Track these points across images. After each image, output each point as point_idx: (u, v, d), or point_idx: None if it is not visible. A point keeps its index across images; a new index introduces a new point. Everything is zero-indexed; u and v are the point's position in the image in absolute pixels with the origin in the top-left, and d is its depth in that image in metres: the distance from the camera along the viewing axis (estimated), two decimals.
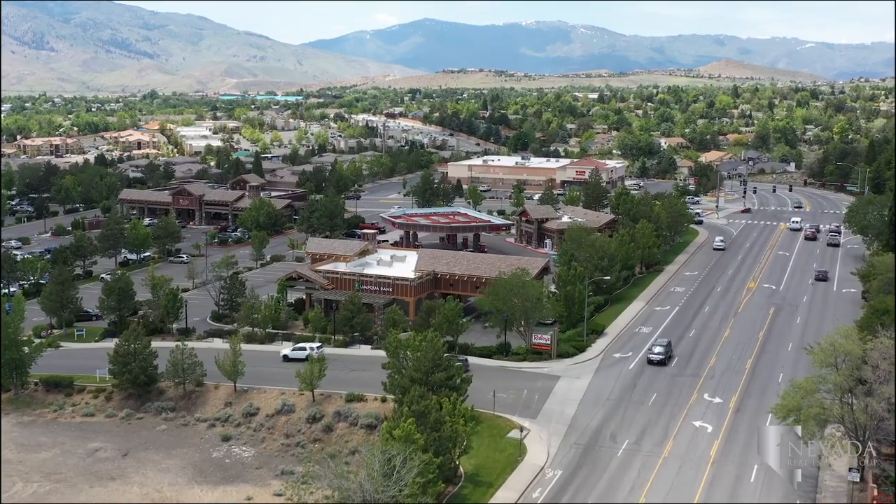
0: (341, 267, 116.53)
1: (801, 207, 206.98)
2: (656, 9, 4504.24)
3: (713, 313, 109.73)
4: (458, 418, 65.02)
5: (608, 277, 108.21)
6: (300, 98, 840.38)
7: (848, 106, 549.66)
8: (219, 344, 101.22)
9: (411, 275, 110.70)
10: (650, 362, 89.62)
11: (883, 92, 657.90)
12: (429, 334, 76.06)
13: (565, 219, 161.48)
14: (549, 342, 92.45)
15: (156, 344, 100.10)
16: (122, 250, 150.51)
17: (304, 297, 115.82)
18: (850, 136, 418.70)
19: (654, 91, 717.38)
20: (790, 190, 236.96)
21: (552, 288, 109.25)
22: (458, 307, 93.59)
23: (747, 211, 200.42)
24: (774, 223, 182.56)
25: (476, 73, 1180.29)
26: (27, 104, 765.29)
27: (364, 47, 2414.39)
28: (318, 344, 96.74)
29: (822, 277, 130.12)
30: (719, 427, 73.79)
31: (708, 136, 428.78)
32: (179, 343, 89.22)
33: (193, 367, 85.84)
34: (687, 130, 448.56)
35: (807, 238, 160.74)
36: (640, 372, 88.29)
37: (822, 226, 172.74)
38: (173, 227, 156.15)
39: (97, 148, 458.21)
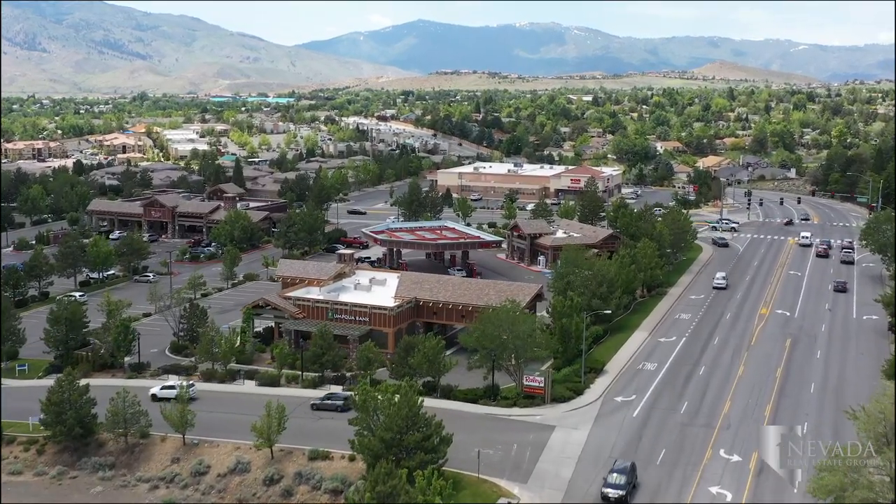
0: (314, 293, 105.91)
1: (808, 220, 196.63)
2: (650, 10, 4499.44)
3: (724, 346, 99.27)
4: (433, 496, 54.66)
5: (609, 311, 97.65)
6: (292, 100, 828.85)
7: (845, 109, 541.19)
8: (174, 382, 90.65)
9: (391, 303, 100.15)
10: (605, 499, 62.34)
11: (880, 95, 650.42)
12: (403, 387, 65.64)
13: (560, 234, 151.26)
14: (542, 385, 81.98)
15: (104, 382, 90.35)
16: (83, 269, 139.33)
17: (274, 325, 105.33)
18: (848, 140, 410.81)
19: (649, 93, 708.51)
20: (799, 202, 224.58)
21: (546, 313, 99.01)
22: (440, 344, 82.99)
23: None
24: (782, 238, 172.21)
25: (470, 75, 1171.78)
26: (14, 106, 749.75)
27: (358, 48, 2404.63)
28: (189, 382, 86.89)
29: (842, 289, 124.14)
30: (740, 494, 63.58)
31: (705, 140, 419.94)
32: (122, 390, 78.20)
33: (137, 417, 75.25)
34: (683, 134, 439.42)
35: (818, 255, 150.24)
36: (645, 420, 77.86)
37: (833, 241, 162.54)
38: (139, 244, 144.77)
39: (81, 152, 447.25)
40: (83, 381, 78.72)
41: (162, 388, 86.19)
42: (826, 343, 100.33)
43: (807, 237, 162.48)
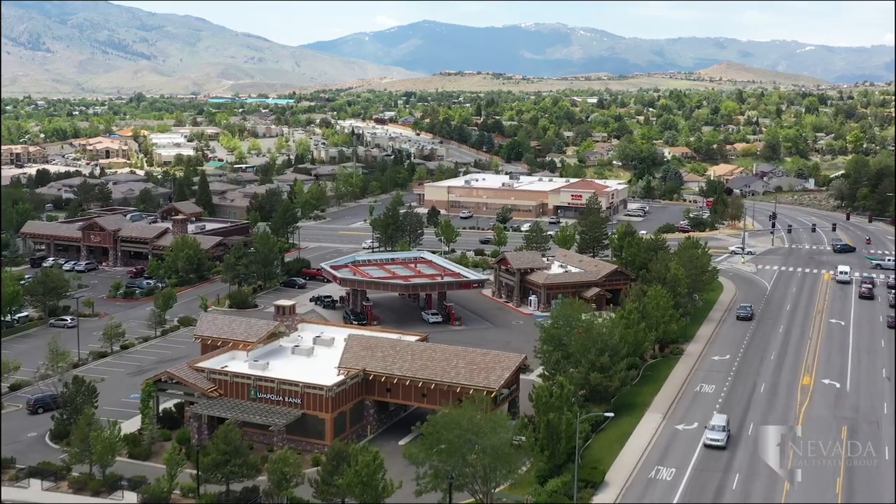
0: (239, 359, 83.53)
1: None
2: (656, 11, 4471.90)
3: None
4: None
5: (611, 414, 74.16)
6: (291, 101, 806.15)
7: (858, 112, 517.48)
8: (35, 493, 68.72)
9: (329, 380, 77.57)
10: None
11: (894, 98, 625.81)
12: None
13: (556, 268, 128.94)
14: None
15: None
16: None
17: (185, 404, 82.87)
18: (864, 146, 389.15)
19: (656, 95, 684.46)
20: (834, 229, 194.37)
21: (529, 397, 76.21)
22: (378, 461, 60.48)
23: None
24: (815, 271, 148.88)
25: (474, 76, 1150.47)
26: (8, 107, 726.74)
27: (363, 49, 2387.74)
28: None
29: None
30: None
31: (714, 146, 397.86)
32: None
33: None
34: (692, 139, 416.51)
35: (862, 296, 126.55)
36: None
37: (876, 277, 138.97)
38: (55, 281, 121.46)
39: (63, 156, 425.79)
40: None
41: None
42: (893, 433, 77.39)
43: (845, 272, 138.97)
